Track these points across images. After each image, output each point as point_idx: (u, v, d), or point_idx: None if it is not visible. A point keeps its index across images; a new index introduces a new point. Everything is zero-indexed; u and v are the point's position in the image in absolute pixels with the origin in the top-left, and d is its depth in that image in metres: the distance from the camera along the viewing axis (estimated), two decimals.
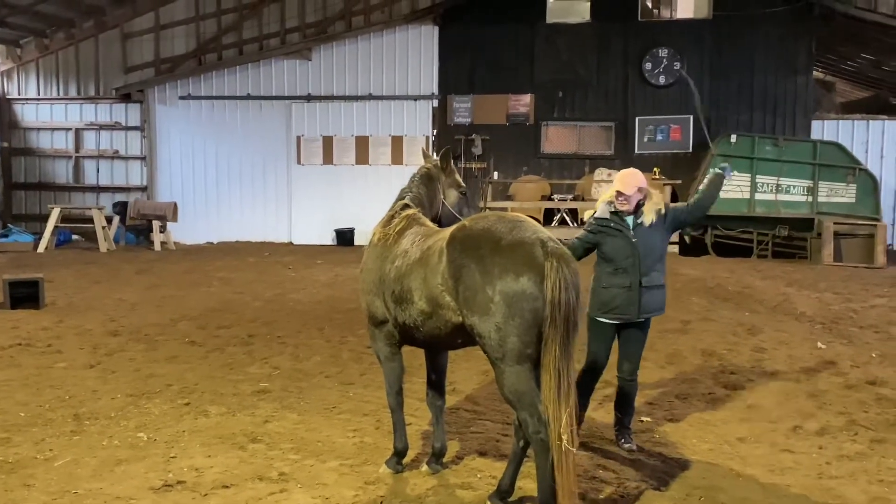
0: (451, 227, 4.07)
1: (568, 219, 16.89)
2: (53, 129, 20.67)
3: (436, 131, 19.00)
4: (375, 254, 4.41)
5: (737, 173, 15.18)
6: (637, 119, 18.34)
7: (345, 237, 18.88)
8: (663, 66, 18.14)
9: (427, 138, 18.93)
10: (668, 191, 15.96)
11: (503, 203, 16.94)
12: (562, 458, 3.52)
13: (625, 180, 4.82)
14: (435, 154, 5.14)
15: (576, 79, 18.52)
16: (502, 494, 4.02)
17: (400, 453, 4.53)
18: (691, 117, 17.91)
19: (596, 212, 4.97)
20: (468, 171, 18.46)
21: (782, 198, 15.86)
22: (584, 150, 18.71)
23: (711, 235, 15.99)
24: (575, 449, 3.58)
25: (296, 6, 19.77)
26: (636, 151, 18.21)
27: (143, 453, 4.77)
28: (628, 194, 4.79)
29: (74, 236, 18.99)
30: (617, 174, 4.96)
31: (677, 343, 7.84)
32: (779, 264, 14.78)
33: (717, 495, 4.21)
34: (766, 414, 5.70)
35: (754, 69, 17.89)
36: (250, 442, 4.98)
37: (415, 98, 19.08)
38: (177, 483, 4.30)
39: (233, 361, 7.20)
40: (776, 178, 15.82)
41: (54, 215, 17.00)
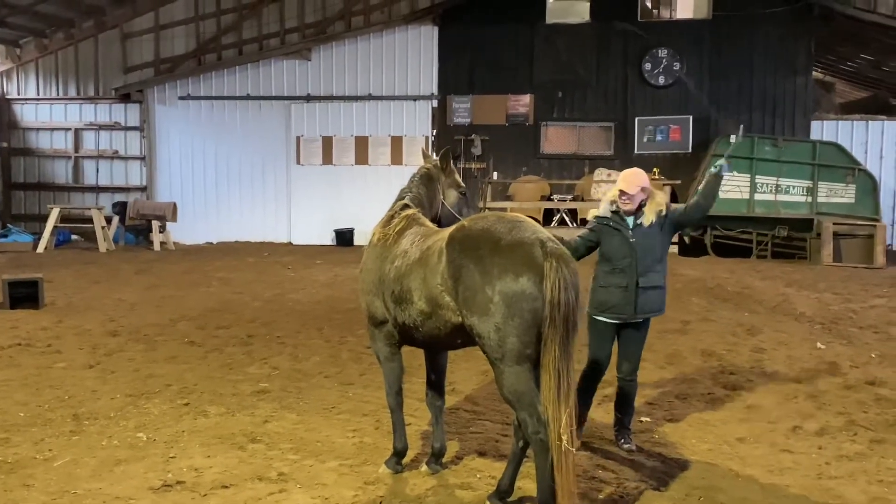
0: (451, 227, 4.07)
1: (567, 219, 16.89)
2: (53, 130, 20.67)
3: (435, 131, 19.00)
4: (375, 254, 4.41)
5: (736, 173, 15.25)
6: (636, 119, 18.35)
7: (344, 237, 18.87)
8: (663, 66, 18.16)
9: (426, 138, 18.92)
10: (667, 191, 15.96)
11: (503, 203, 16.94)
12: (561, 459, 3.52)
13: (628, 179, 4.82)
14: (434, 154, 5.14)
15: (575, 79, 18.53)
16: (502, 494, 4.02)
17: (399, 453, 4.53)
18: (691, 117, 17.94)
19: (599, 210, 4.99)
20: (467, 171, 18.46)
21: (782, 198, 15.89)
22: (583, 151, 18.72)
23: (711, 236, 16.00)
24: (575, 449, 3.58)
25: (295, 6, 19.77)
26: (636, 152, 18.22)
27: (142, 453, 4.77)
28: (631, 193, 4.79)
29: (74, 236, 19.00)
30: (620, 173, 4.96)
31: (677, 343, 7.84)
32: (778, 265, 14.80)
33: (716, 495, 4.21)
34: (765, 414, 5.70)
35: (753, 69, 17.91)
36: (250, 442, 4.98)
37: (414, 98, 19.08)
38: (176, 483, 4.30)
39: (232, 362, 7.20)
40: (775, 178, 15.85)
41: (54, 215, 17.00)
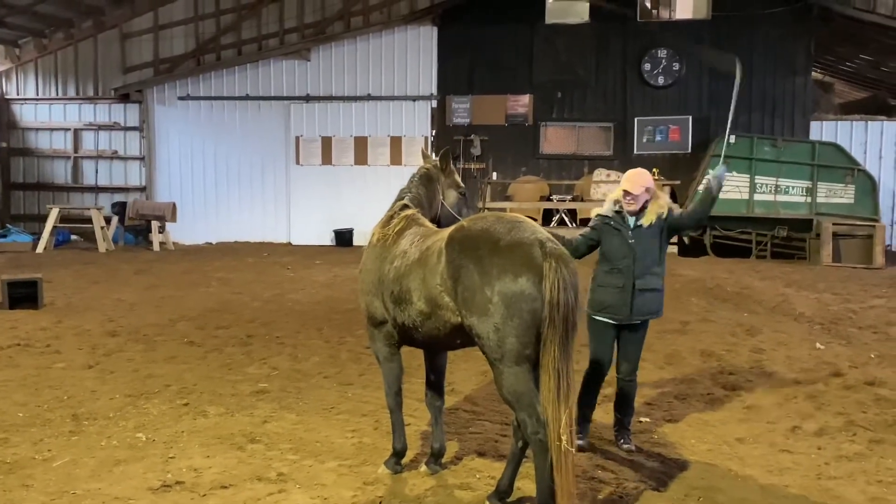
0: (450, 227, 4.07)
1: (567, 219, 16.90)
2: (52, 130, 20.63)
3: (434, 132, 18.99)
4: (374, 254, 4.41)
5: (735, 173, 15.25)
6: (636, 119, 18.33)
7: (343, 238, 18.86)
8: (662, 66, 18.17)
9: (426, 139, 18.91)
10: (667, 191, 15.97)
11: (502, 203, 16.95)
12: (560, 459, 3.52)
13: (632, 180, 4.83)
14: (434, 154, 5.14)
15: (575, 79, 18.52)
16: (501, 495, 4.02)
17: (399, 454, 4.53)
18: (690, 118, 17.94)
19: (603, 209, 4.99)
20: (467, 171, 18.44)
21: (781, 198, 15.89)
22: (582, 151, 18.70)
23: (710, 236, 16.00)
24: (574, 450, 3.58)
25: (294, 6, 19.76)
26: (635, 152, 18.20)
27: (141, 454, 4.77)
28: (636, 194, 4.80)
29: (73, 236, 18.98)
30: (625, 174, 4.96)
31: (676, 343, 7.84)
32: (777, 265, 14.80)
33: (715, 496, 4.21)
34: (764, 414, 5.71)
35: (753, 70, 17.82)
36: (249, 442, 4.98)
37: (413, 98, 19.07)
38: (175, 483, 4.30)
39: (231, 362, 7.20)
40: (775, 178, 15.86)
41: (53, 215, 16.99)
